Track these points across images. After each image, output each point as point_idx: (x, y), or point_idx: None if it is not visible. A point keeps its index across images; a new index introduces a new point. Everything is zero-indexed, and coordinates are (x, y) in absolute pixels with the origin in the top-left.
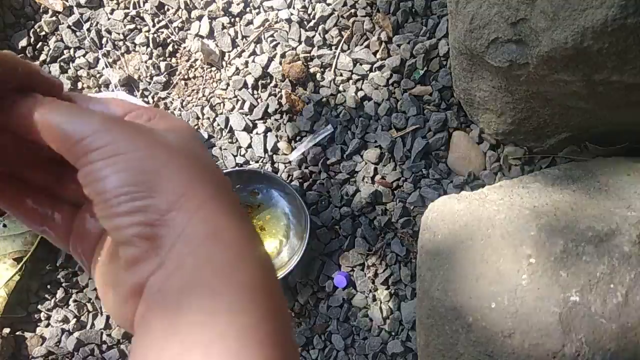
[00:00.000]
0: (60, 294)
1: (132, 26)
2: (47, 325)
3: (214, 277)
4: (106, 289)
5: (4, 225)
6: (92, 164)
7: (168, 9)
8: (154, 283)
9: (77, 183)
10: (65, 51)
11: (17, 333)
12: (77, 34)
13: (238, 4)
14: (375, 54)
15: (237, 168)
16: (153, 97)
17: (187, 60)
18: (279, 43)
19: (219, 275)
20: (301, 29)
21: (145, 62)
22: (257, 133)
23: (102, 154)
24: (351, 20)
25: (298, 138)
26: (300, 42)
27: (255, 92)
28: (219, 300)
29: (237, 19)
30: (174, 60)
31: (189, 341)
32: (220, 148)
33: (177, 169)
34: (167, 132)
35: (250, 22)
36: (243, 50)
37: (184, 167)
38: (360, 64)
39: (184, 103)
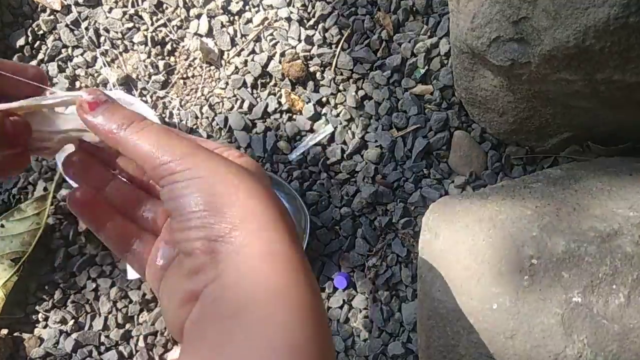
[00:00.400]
0: (58, 295)
1: (130, 25)
2: (45, 327)
3: (270, 295)
4: (163, 296)
5: (2, 226)
6: (176, 183)
7: (166, 8)
8: (210, 293)
9: (153, 212)
10: (63, 50)
11: (15, 334)
12: (75, 32)
13: (237, 3)
14: (375, 52)
15: None
16: (151, 97)
17: (186, 59)
18: (278, 42)
19: (274, 294)
20: (301, 27)
21: (144, 61)
22: (256, 132)
23: (185, 176)
24: (351, 18)
25: (298, 138)
26: (300, 40)
27: (254, 91)
28: (273, 318)
29: (236, 17)
30: (172, 59)
31: (244, 352)
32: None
33: (244, 195)
34: (241, 164)
35: (249, 21)
36: (242, 49)
37: (250, 194)
38: (361, 63)
39: (182, 102)
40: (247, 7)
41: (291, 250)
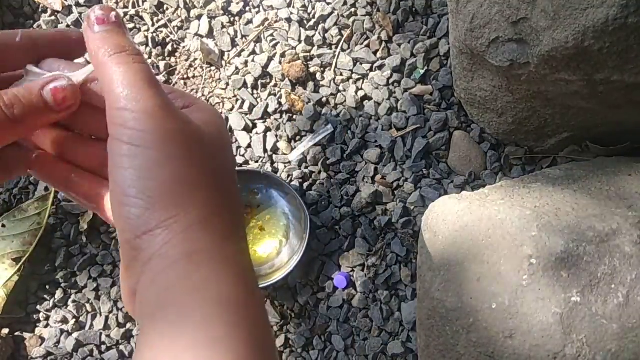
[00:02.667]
0: (59, 294)
1: (131, 25)
2: (46, 326)
3: (185, 293)
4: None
5: (3, 226)
6: (121, 143)
7: (167, 8)
8: (139, 291)
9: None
10: None
11: (16, 333)
12: None
13: (237, 3)
14: (375, 53)
15: (236, 168)
16: None
17: (187, 60)
18: (278, 42)
19: (191, 292)
20: (301, 28)
21: None
22: (256, 133)
23: (132, 138)
24: (351, 19)
25: (298, 138)
26: (300, 41)
27: (254, 91)
28: (187, 315)
29: (237, 18)
30: (173, 59)
31: (160, 351)
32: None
33: (182, 188)
34: (198, 128)
35: (249, 22)
36: (243, 50)
37: (190, 186)
38: (361, 64)
39: None
40: (247, 8)
41: (216, 247)
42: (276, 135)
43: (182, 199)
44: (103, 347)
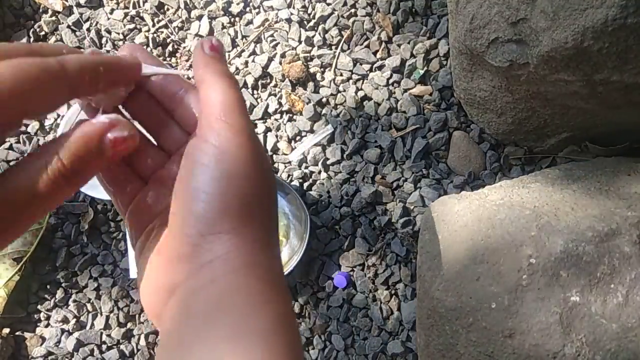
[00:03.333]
0: (59, 294)
1: (131, 26)
2: (47, 326)
3: (247, 303)
4: (141, 266)
5: None
6: (212, 147)
7: (168, 9)
8: (186, 288)
9: (155, 161)
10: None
11: (17, 333)
12: (77, 33)
13: (238, 4)
14: (375, 53)
15: None
16: None
17: (187, 60)
18: (278, 43)
19: (251, 301)
20: (301, 28)
21: None
22: (257, 133)
23: (225, 146)
24: (351, 20)
25: (298, 138)
26: (300, 41)
27: (255, 92)
28: (249, 325)
29: (237, 18)
30: (173, 60)
31: (220, 353)
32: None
33: (255, 203)
34: (265, 153)
35: (250, 22)
36: (243, 50)
37: (260, 204)
38: (360, 64)
39: None
40: (247, 9)
41: (271, 265)
42: (276, 136)
43: (254, 214)
44: (104, 347)
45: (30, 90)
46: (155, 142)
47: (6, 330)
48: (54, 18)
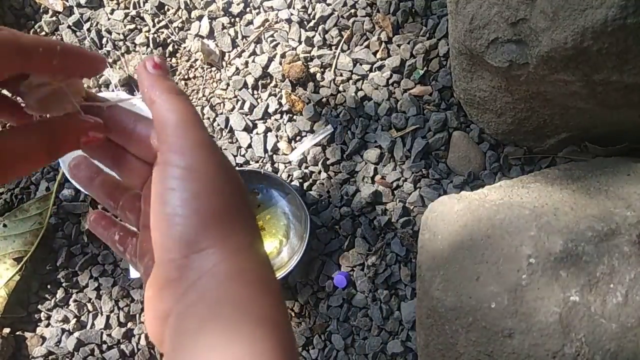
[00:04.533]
0: (60, 294)
1: (132, 26)
2: (47, 325)
3: (236, 309)
4: (145, 299)
5: (4, 225)
6: (175, 168)
7: (168, 9)
8: (177, 311)
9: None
10: None
11: (17, 333)
12: (77, 34)
13: (238, 4)
14: (375, 54)
15: (237, 168)
16: None
17: (187, 61)
18: (279, 43)
19: (240, 308)
20: (301, 29)
21: None
22: (257, 133)
23: (188, 165)
24: (351, 20)
25: (298, 138)
26: (300, 42)
27: (255, 92)
28: (237, 330)
29: (237, 19)
30: (174, 60)
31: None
32: (221, 148)
33: (232, 214)
34: (230, 162)
35: (250, 22)
36: (243, 50)
37: (238, 213)
38: (360, 64)
39: None
40: (248, 9)
41: (257, 269)
42: (276, 136)
43: (233, 224)
44: (104, 347)
45: None
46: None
47: (7, 330)
48: (54, 18)
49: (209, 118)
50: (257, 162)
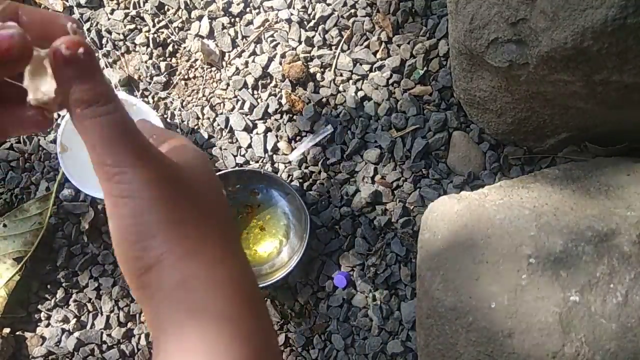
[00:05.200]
0: (60, 294)
1: (132, 26)
2: (47, 325)
3: (186, 317)
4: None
5: (4, 225)
6: (110, 197)
7: (168, 9)
8: (149, 322)
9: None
10: None
11: (17, 333)
12: None
13: (238, 4)
14: (375, 54)
15: (237, 168)
16: (153, 98)
17: (187, 61)
18: (279, 43)
19: (190, 313)
20: (301, 29)
21: (145, 62)
22: (257, 133)
23: (119, 191)
24: (351, 20)
25: (298, 138)
26: (300, 42)
27: (255, 92)
28: (188, 334)
29: (237, 19)
30: (174, 60)
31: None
32: (220, 148)
33: (169, 226)
34: (179, 170)
35: (250, 22)
36: (243, 50)
37: (176, 223)
38: (360, 64)
39: (184, 103)
40: (248, 9)
41: (206, 273)
42: (276, 136)
43: (169, 236)
44: (104, 347)
45: None
46: None
47: (7, 330)
48: None
49: (209, 118)
50: (257, 162)
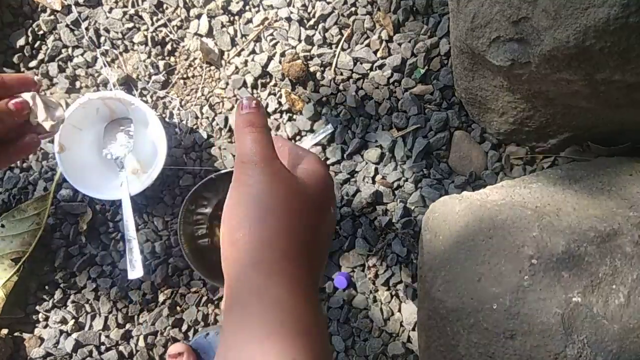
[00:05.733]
0: (58, 294)
1: (130, 25)
2: (46, 326)
3: (249, 294)
4: None
5: (2, 226)
6: (241, 185)
7: (167, 8)
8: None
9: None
10: (63, 50)
11: (15, 334)
12: (75, 32)
13: (237, 3)
14: (375, 52)
15: None
16: (152, 97)
17: (186, 59)
18: (278, 42)
19: (253, 293)
20: (301, 27)
21: (144, 61)
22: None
23: (250, 183)
24: (351, 18)
25: (298, 138)
26: (300, 40)
27: (254, 91)
28: (248, 312)
29: (237, 17)
30: (172, 59)
31: (228, 346)
32: (220, 147)
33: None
34: (300, 185)
35: (249, 21)
36: (242, 49)
37: (271, 240)
38: (361, 63)
39: (182, 102)
40: (247, 7)
41: (278, 265)
42: (276, 135)
43: (264, 222)
44: (102, 348)
45: None
46: None
47: (5, 331)
48: (52, 17)
49: (208, 117)
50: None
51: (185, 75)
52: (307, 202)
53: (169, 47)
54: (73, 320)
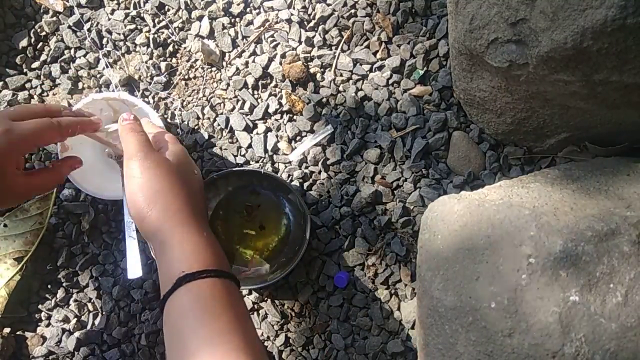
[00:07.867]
0: (60, 293)
1: (132, 26)
2: (48, 325)
3: (159, 253)
4: None
5: (5, 225)
6: (129, 176)
7: (168, 9)
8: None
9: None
10: (65, 51)
11: (18, 333)
12: (78, 34)
13: (238, 5)
14: (375, 54)
15: (237, 168)
16: (153, 98)
17: (188, 61)
18: (279, 43)
19: (161, 252)
20: (301, 29)
21: (146, 62)
22: (257, 133)
23: (132, 171)
24: (351, 20)
25: (298, 138)
26: (300, 42)
27: (255, 92)
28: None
29: (238, 19)
30: (174, 60)
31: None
32: (221, 148)
33: (156, 193)
34: (168, 161)
35: (250, 23)
36: (243, 51)
37: (161, 192)
38: (360, 64)
39: (184, 103)
40: (248, 9)
41: (173, 228)
42: (277, 136)
43: (156, 199)
44: (104, 346)
45: (41, 135)
46: None
47: (7, 330)
48: (54, 18)
49: (209, 118)
50: (257, 162)
51: (186, 77)
52: (179, 172)
53: (170, 48)
54: (75, 318)
